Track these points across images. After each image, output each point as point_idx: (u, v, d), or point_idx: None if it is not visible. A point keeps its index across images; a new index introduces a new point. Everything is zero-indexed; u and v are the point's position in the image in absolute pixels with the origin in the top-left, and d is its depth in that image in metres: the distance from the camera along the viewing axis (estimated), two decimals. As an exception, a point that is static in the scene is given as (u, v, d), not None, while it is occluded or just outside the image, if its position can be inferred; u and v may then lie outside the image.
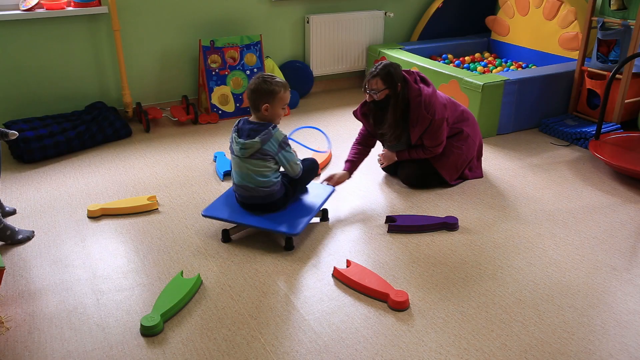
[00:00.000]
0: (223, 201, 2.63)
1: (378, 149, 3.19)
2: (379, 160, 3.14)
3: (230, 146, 2.52)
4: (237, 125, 2.51)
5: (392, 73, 2.75)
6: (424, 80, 2.91)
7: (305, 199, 2.66)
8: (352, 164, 2.98)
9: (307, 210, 2.57)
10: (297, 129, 3.47)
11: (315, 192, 2.72)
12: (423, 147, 2.95)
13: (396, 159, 3.04)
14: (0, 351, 1.86)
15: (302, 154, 2.88)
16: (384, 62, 2.81)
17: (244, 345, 1.89)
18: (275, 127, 2.45)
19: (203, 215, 2.53)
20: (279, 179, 2.51)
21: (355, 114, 3.02)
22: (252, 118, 2.50)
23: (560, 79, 3.92)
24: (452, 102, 3.01)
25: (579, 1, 4.19)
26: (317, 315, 2.04)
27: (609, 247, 2.49)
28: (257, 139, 2.39)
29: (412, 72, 2.91)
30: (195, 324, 1.99)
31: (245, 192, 2.50)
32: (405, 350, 1.87)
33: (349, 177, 2.96)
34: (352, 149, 3.05)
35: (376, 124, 2.95)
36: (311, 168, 2.72)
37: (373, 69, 2.79)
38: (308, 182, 2.71)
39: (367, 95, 2.83)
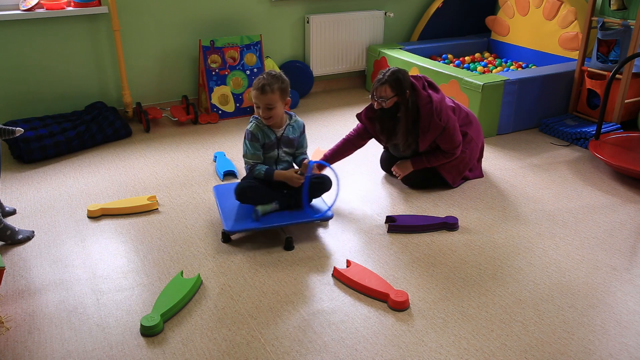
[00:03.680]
0: (237, 210, 2.57)
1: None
2: (395, 173, 3.02)
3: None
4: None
5: (400, 80, 2.71)
6: (432, 86, 2.88)
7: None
8: (329, 159, 2.93)
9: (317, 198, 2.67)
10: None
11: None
12: (441, 151, 2.89)
13: (412, 168, 2.95)
14: (0, 351, 1.86)
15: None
16: (391, 68, 2.76)
17: (244, 345, 1.89)
18: None
19: (227, 232, 2.44)
20: None
21: (359, 117, 2.96)
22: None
23: (560, 79, 3.92)
24: (457, 105, 2.98)
25: (579, 1, 4.19)
26: (317, 315, 2.04)
27: (609, 247, 2.49)
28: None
29: (420, 77, 2.88)
30: (195, 324, 1.99)
31: None
32: (405, 350, 1.87)
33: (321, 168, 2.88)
34: (340, 142, 2.98)
35: (387, 133, 2.90)
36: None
37: (380, 76, 2.74)
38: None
39: (375, 103, 2.78)
